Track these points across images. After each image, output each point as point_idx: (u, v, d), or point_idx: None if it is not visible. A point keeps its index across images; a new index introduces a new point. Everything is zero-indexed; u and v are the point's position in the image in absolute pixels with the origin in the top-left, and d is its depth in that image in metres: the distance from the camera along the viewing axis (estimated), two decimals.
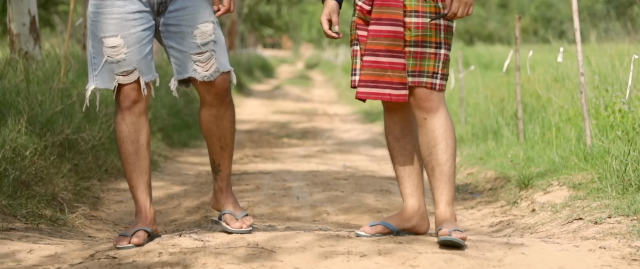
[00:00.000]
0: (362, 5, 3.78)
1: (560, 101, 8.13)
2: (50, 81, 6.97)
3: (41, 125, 5.91)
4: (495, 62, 19.51)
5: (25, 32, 7.98)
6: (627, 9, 60.70)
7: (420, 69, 3.70)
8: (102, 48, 3.80)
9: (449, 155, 3.70)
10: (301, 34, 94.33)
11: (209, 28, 3.86)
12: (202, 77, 3.86)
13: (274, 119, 14.06)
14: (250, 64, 29.83)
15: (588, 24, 59.78)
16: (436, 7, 3.71)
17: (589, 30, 56.56)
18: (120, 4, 3.79)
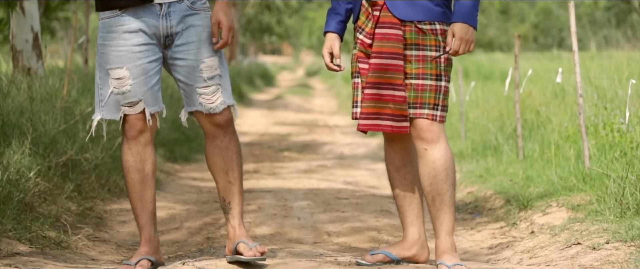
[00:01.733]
0: (363, 39, 3.84)
1: (559, 118, 8.19)
2: (53, 99, 7.03)
3: (45, 145, 5.96)
4: (496, 72, 19.55)
5: (28, 48, 8.04)
6: (627, 17, 60.80)
7: (421, 101, 3.76)
8: (109, 79, 3.87)
9: (449, 185, 3.76)
10: (301, 41, 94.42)
11: (214, 62, 3.93)
12: (208, 109, 3.92)
13: (275, 130, 14.12)
14: (250, 72, 29.91)
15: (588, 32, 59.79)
16: (436, 40, 3.77)
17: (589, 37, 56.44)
18: (126, 36, 3.86)
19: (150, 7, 3.88)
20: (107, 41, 3.88)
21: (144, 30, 3.88)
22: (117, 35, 3.86)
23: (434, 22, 3.79)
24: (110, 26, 3.89)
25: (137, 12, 3.87)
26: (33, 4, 8.03)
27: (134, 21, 3.87)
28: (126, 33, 3.87)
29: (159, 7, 3.89)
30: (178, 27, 3.90)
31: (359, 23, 3.88)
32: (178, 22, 3.90)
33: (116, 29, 3.88)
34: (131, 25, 3.87)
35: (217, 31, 3.91)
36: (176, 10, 3.90)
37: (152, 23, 3.88)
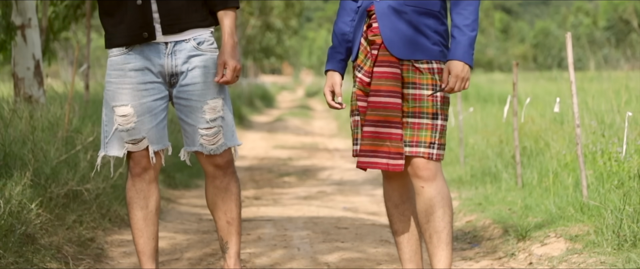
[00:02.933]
0: (362, 78, 3.89)
1: (558, 144, 8.23)
2: (55, 128, 7.08)
3: (46, 176, 6.00)
4: (495, 95, 19.59)
5: (29, 76, 8.11)
6: (627, 36, 60.96)
7: (418, 140, 3.80)
8: (114, 116, 3.92)
9: (447, 222, 3.80)
10: (301, 60, 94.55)
11: (218, 104, 3.97)
12: (208, 150, 3.97)
13: (275, 154, 14.15)
14: (250, 94, 29.98)
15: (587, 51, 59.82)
16: (433, 79, 3.82)
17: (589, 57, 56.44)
18: (132, 74, 3.91)
19: (156, 45, 3.93)
20: (113, 79, 3.94)
21: (150, 69, 3.93)
22: (123, 73, 3.91)
23: (431, 61, 3.84)
24: (117, 64, 3.95)
25: (144, 50, 3.92)
26: (35, 32, 8.10)
27: (140, 59, 3.92)
28: (132, 71, 3.92)
29: (164, 46, 3.93)
30: (183, 66, 3.94)
31: (358, 62, 3.93)
32: (183, 62, 3.94)
33: (123, 67, 3.93)
34: (137, 63, 3.92)
35: (222, 71, 3.95)
36: (182, 49, 3.94)
37: (157, 62, 3.93)
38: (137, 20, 3.90)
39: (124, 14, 3.91)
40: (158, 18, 3.91)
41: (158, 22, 3.91)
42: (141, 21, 3.90)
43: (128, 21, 3.91)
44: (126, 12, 3.90)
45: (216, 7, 3.98)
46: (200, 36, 3.98)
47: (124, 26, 3.92)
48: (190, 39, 3.96)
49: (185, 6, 3.92)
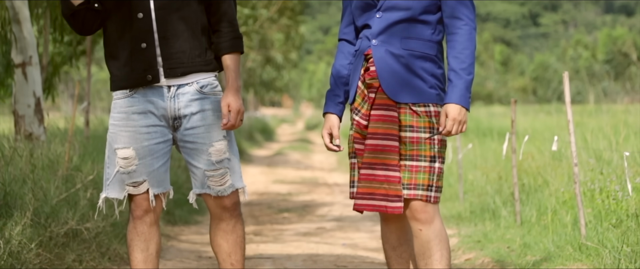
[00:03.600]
0: (359, 121, 3.93)
1: (556, 181, 8.25)
2: (55, 166, 7.11)
3: (46, 215, 6.02)
4: (495, 129, 19.64)
5: (30, 113, 8.15)
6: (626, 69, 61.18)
7: (416, 182, 3.83)
8: (116, 159, 3.96)
9: (444, 265, 3.82)
10: (301, 93, 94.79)
11: (223, 146, 4.00)
12: (216, 192, 3.99)
13: (275, 189, 14.17)
14: (250, 128, 30.03)
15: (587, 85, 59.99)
16: (430, 122, 3.86)
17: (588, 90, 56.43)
18: (134, 117, 3.95)
19: (160, 89, 3.97)
20: (116, 121, 3.98)
21: (153, 112, 3.96)
22: (126, 116, 3.95)
23: (428, 104, 3.88)
24: (120, 107, 3.99)
25: (147, 93, 3.96)
26: (35, 69, 8.15)
27: (143, 103, 3.96)
28: (135, 114, 3.96)
29: (167, 89, 3.97)
30: (186, 110, 3.98)
31: (355, 105, 3.97)
32: (186, 105, 3.98)
33: (126, 109, 3.97)
34: (140, 106, 3.96)
35: (227, 113, 3.97)
36: (185, 93, 3.98)
37: (160, 105, 3.97)
38: (141, 63, 3.94)
39: (128, 57, 3.95)
40: (161, 62, 3.95)
41: (161, 66, 3.95)
42: (145, 64, 3.94)
43: (132, 64, 3.95)
44: (131, 56, 3.95)
45: (220, 51, 4.02)
46: (204, 80, 4.01)
47: (128, 69, 3.96)
48: (194, 83, 3.99)
49: (189, 50, 3.96)
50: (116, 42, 3.99)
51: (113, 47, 4.00)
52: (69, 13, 3.98)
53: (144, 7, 3.93)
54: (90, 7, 3.97)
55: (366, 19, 3.96)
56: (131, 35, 3.94)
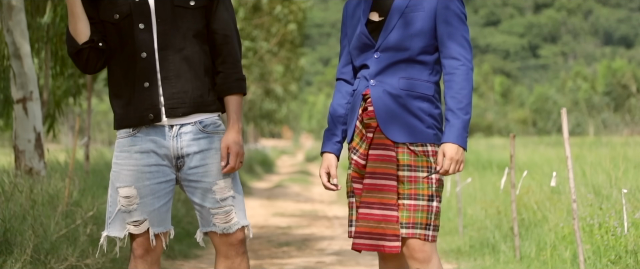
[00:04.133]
0: (357, 160, 3.96)
1: (555, 216, 8.27)
2: (55, 201, 7.13)
3: (46, 251, 6.04)
4: (494, 162, 19.67)
5: (30, 148, 8.18)
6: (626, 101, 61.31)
7: (414, 221, 3.86)
8: (118, 197, 3.98)
9: None
10: (301, 124, 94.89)
11: (228, 183, 4.01)
12: (222, 230, 4.01)
13: (274, 222, 14.17)
14: (250, 160, 30.05)
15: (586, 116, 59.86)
16: (428, 161, 3.89)
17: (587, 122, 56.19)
18: (137, 156, 3.97)
19: (162, 128, 3.99)
20: (119, 160, 4.00)
21: (156, 152, 3.99)
22: (129, 155, 3.98)
23: (425, 144, 3.91)
24: (123, 146, 4.01)
25: (150, 132, 3.99)
26: (36, 105, 8.20)
27: (146, 142, 3.98)
28: (137, 153, 3.98)
29: (170, 128, 4.00)
30: (189, 149, 4.00)
31: (353, 144, 4.00)
32: (189, 144, 3.99)
33: (129, 149, 3.99)
34: (143, 145, 3.98)
35: (226, 155, 3.98)
36: (188, 132, 4.00)
37: (163, 144, 3.99)
38: (143, 102, 3.97)
39: (131, 96, 3.98)
40: (163, 101, 3.98)
41: (163, 105, 3.98)
42: (147, 103, 3.97)
43: (135, 103, 3.98)
44: (133, 95, 3.98)
45: (223, 92, 4.04)
46: (207, 119, 4.03)
47: (131, 108, 3.99)
48: (196, 122, 4.02)
49: (191, 91, 3.99)
50: (120, 81, 4.02)
51: (117, 87, 4.04)
52: (73, 51, 4.02)
53: (147, 46, 3.97)
54: (94, 46, 4.01)
55: (364, 59, 4.00)
56: (134, 75, 3.97)
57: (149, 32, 3.97)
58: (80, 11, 3.98)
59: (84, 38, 3.98)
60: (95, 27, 4.02)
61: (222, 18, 4.05)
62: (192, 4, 3.99)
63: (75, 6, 3.97)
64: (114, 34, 4.00)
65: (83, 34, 3.98)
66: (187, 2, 3.99)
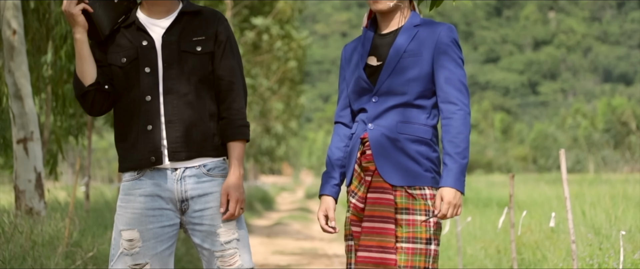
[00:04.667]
0: (356, 203, 3.99)
1: (555, 257, 8.27)
2: (55, 242, 7.14)
3: None
4: (494, 199, 19.68)
5: (30, 188, 8.21)
6: (625, 138, 61.35)
7: (412, 264, 3.88)
8: (121, 240, 4.00)
9: None
10: (301, 161, 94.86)
11: (232, 226, 4.03)
12: None
13: (274, 260, 14.15)
14: (250, 197, 30.02)
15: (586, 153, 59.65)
16: (426, 204, 3.92)
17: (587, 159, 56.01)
18: (141, 199, 3.99)
19: (165, 171, 4.01)
20: (123, 203, 4.03)
21: (160, 195, 4.01)
22: (133, 198, 4.00)
23: (423, 187, 3.94)
24: (127, 189, 4.04)
25: (154, 176, 4.01)
26: (37, 145, 8.23)
27: (150, 185, 4.01)
28: (141, 196, 4.01)
29: (173, 171, 4.02)
30: (193, 192, 4.01)
31: (352, 187, 4.03)
32: (193, 188, 4.01)
33: (133, 191, 4.02)
34: (147, 189, 4.01)
35: (225, 202, 3.99)
36: (191, 175, 4.02)
37: (167, 187, 4.01)
38: (146, 145, 4.00)
39: (135, 139, 4.02)
40: (166, 144, 4.01)
41: (165, 148, 4.01)
42: (150, 146, 4.00)
43: (138, 146, 4.01)
44: (137, 137, 4.01)
45: (226, 138, 4.06)
46: (210, 163, 4.05)
47: (134, 150, 4.02)
48: (200, 166, 4.04)
49: (194, 135, 4.02)
50: (124, 124, 4.06)
51: (121, 129, 4.07)
52: (79, 93, 4.06)
53: (152, 90, 4.00)
54: (100, 88, 4.05)
55: (362, 103, 4.04)
56: (138, 118, 4.01)
57: (154, 76, 4.01)
58: (88, 53, 4.03)
59: (90, 80, 4.03)
60: (102, 70, 4.07)
61: (228, 65, 4.08)
62: (198, 49, 4.04)
63: (82, 48, 4.02)
64: (121, 77, 4.04)
65: (89, 76, 4.02)
66: (194, 47, 4.04)
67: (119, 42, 4.06)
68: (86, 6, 4.01)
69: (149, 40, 4.03)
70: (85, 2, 4.01)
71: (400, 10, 4.07)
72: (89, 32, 4.05)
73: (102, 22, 4.04)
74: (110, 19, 4.06)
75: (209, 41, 4.05)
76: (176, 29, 4.05)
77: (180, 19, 4.07)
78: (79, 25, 4.02)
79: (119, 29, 4.08)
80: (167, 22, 4.06)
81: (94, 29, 4.04)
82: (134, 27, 4.06)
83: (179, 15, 4.07)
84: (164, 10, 4.08)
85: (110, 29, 4.06)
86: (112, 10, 4.06)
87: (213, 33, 4.07)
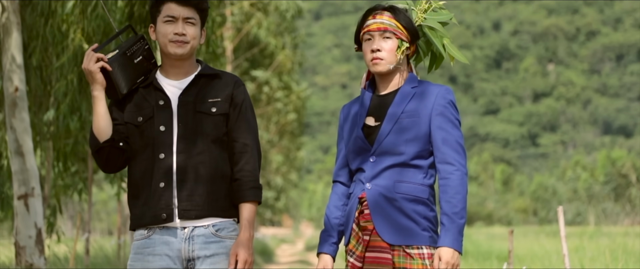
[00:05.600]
0: (354, 263, 4.04)
1: None
2: None
3: None
4: (495, 252, 19.65)
5: (31, 244, 8.22)
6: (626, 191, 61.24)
7: None
8: None
9: None
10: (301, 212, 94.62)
11: None
12: None
13: None
14: None
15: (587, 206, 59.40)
16: (424, 264, 3.96)
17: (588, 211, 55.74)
18: (150, 258, 4.03)
19: (175, 230, 4.04)
20: (133, 261, 4.06)
21: (168, 254, 4.03)
22: (142, 257, 4.03)
23: (421, 247, 3.98)
24: (138, 248, 4.07)
25: (164, 233, 4.04)
26: (37, 201, 8.26)
27: (159, 244, 4.04)
28: (150, 255, 4.03)
29: (182, 229, 4.06)
30: (201, 252, 4.03)
31: (350, 247, 4.07)
32: (201, 248, 4.03)
33: (142, 250, 4.05)
34: (156, 248, 4.03)
35: (234, 263, 4.00)
36: (200, 235, 4.04)
37: (175, 246, 4.03)
38: (157, 202, 4.04)
39: (147, 196, 4.05)
40: (177, 203, 4.04)
41: (176, 207, 4.04)
42: (162, 203, 4.03)
43: (149, 203, 4.05)
44: (149, 195, 4.05)
45: (237, 199, 4.08)
46: (220, 223, 4.07)
47: (146, 208, 4.06)
48: (209, 226, 4.06)
49: (206, 195, 4.04)
50: (138, 181, 4.09)
51: (134, 187, 4.11)
52: (94, 149, 4.11)
53: (166, 148, 4.05)
54: (114, 145, 4.09)
55: (360, 163, 4.09)
56: (151, 175, 4.05)
57: (169, 135, 4.06)
58: (104, 111, 4.09)
59: (105, 136, 4.08)
60: (118, 128, 4.12)
61: (243, 127, 4.12)
62: (213, 110, 4.09)
63: (99, 105, 4.08)
64: (136, 135, 4.09)
65: (104, 133, 4.07)
66: (209, 108, 4.09)
67: (137, 101, 4.13)
68: (105, 64, 4.07)
69: (166, 100, 4.09)
70: (104, 60, 4.08)
71: (399, 72, 4.14)
72: (106, 90, 4.11)
73: (120, 81, 4.10)
74: (129, 78, 4.12)
75: (225, 103, 4.11)
76: (193, 90, 4.11)
77: (198, 80, 4.13)
78: (97, 82, 4.08)
79: (137, 88, 4.15)
80: (184, 83, 4.13)
81: (111, 87, 4.10)
82: (151, 87, 4.13)
83: (197, 77, 4.14)
84: (182, 72, 4.15)
85: (128, 89, 4.13)
86: (131, 70, 4.13)
87: (229, 95, 4.12)
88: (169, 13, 4.11)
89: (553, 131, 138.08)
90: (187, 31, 4.10)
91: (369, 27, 4.12)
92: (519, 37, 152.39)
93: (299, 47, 29.44)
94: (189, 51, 4.12)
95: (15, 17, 8.17)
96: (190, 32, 4.10)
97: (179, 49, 4.09)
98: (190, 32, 4.10)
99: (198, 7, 4.13)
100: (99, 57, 4.08)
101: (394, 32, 4.08)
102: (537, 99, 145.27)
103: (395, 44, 4.08)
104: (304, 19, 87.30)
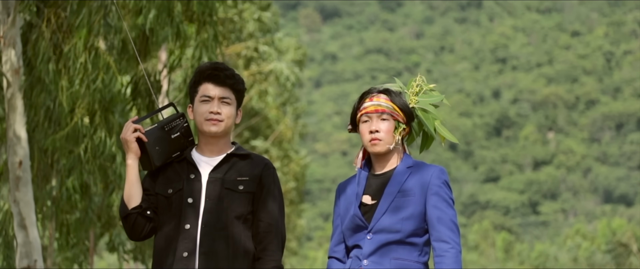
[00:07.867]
0: None
1: None
2: None
3: None
4: None
5: None
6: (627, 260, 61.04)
7: None
8: None
9: None
10: None
11: None
12: None
13: None
14: None
15: None
16: None
17: None
18: None
19: None
20: None
21: None
22: None
23: None
24: None
25: None
26: None
27: None
28: None
29: None
30: None
31: None
32: None
33: None
34: None
35: None
36: None
37: None
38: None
39: (171, 265, 4.13)
40: None
41: None
42: None
43: None
44: (173, 263, 4.13)
45: (259, 266, 4.18)
46: None
47: None
48: None
49: (227, 266, 4.14)
50: (162, 251, 4.18)
51: (159, 257, 4.19)
52: (122, 215, 4.21)
53: (192, 220, 4.15)
54: (142, 213, 4.19)
55: (357, 240, 4.20)
56: (176, 245, 4.14)
57: (196, 207, 4.16)
58: (136, 179, 4.20)
59: (134, 204, 4.18)
60: (148, 197, 4.22)
61: (268, 207, 4.22)
62: (240, 188, 4.19)
63: (131, 174, 4.20)
64: (165, 206, 4.20)
65: (134, 200, 4.18)
66: (237, 186, 4.20)
67: (169, 174, 4.24)
68: (141, 135, 4.19)
69: (196, 174, 4.21)
70: (141, 131, 4.21)
71: (395, 152, 4.26)
72: (141, 161, 4.23)
73: (155, 153, 4.21)
74: (164, 152, 4.24)
75: (252, 182, 4.21)
76: (224, 168, 4.22)
77: (229, 159, 4.25)
78: (131, 151, 4.20)
79: (172, 163, 4.26)
80: (216, 161, 4.24)
81: (147, 158, 4.22)
82: (185, 162, 4.25)
83: (229, 155, 4.26)
84: (216, 149, 4.26)
85: (162, 162, 4.24)
86: (167, 145, 4.25)
87: (258, 176, 4.23)
88: (205, 93, 4.24)
89: (554, 199, 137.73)
90: (222, 110, 4.22)
91: (367, 109, 4.24)
92: (519, 105, 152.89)
93: (300, 118, 29.59)
94: (224, 130, 4.24)
95: (19, 92, 8.31)
96: (225, 111, 4.23)
97: (214, 127, 4.22)
98: (225, 111, 4.23)
99: (234, 87, 4.26)
100: (137, 128, 4.21)
101: (391, 114, 4.21)
102: (538, 167, 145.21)
103: (393, 126, 4.21)
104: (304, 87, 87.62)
